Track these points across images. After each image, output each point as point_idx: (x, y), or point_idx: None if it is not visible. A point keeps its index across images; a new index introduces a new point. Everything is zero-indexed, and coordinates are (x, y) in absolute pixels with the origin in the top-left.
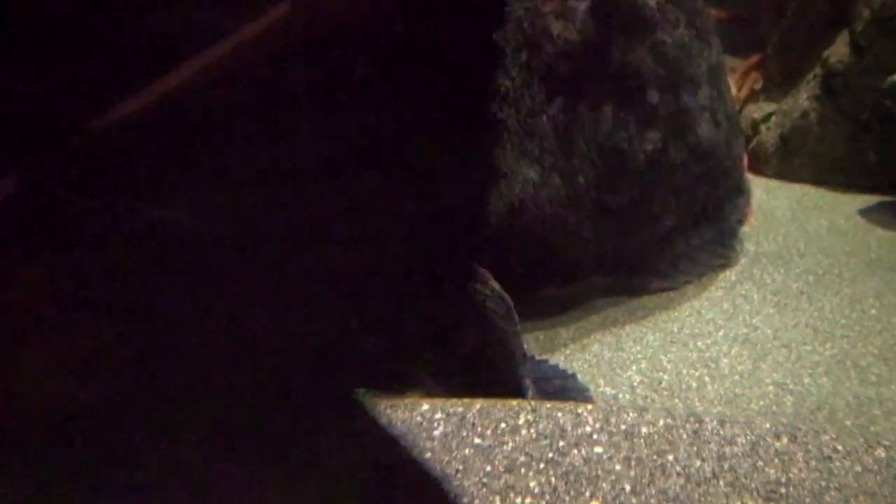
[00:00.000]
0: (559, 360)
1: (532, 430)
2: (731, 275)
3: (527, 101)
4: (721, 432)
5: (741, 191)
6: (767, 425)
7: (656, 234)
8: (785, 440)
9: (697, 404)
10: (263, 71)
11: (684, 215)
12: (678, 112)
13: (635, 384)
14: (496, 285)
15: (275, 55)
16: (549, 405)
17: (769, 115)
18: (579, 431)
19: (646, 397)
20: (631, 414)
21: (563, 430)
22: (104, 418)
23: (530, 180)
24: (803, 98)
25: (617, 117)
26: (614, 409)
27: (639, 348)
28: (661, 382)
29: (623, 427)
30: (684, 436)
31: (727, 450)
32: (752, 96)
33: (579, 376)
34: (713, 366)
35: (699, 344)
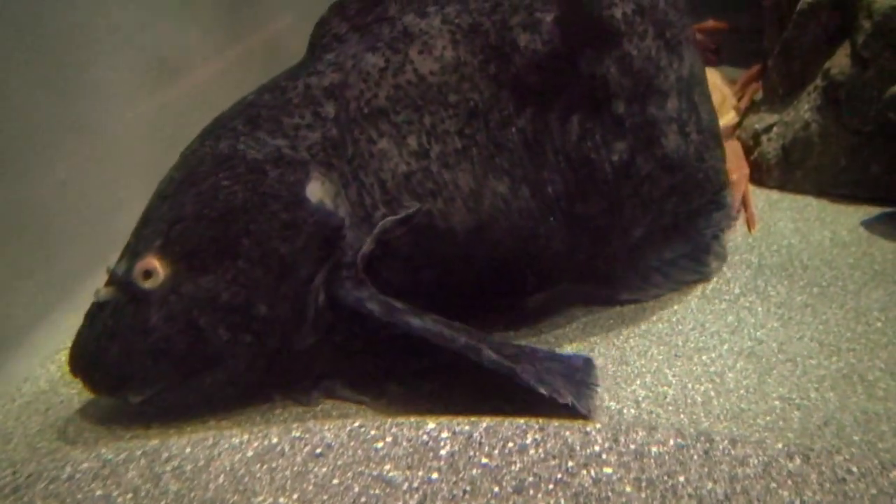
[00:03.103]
0: None
1: (540, 450)
2: (734, 287)
3: (495, 113)
4: (732, 452)
5: (718, 205)
6: (780, 445)
7: (626, 245)
8: (798, 461)
9: (703, 420)
10: None
11: (654, 227)
12: (644, 123)
13: (640, 399)
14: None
15: None
16: (556, 423)
17: (771, 127)
18: (588, 451)
19: (651, 412)
20: (640, 433)
21: (571, 449)
22: None
23: (500, 193)
24: (805, 109)
25: (584, 127)
26: (623, 427)
27: (643, 362)
28: (666, 397)
29: (632, 447)
30: (695, 456)
31: (739, 471)
32: (753, 107)
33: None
34: (718, 380)
35: (704, 358)
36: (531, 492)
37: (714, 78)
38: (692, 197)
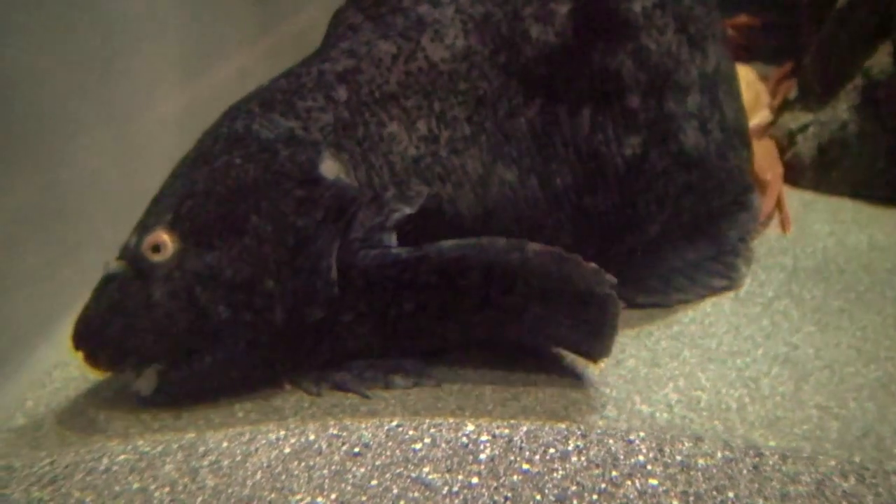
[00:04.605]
0: (593, 374)
1: (583, 458)
2: (768, 290)
3: (504, 103)
4: (783, 468)
5: (744, 206)
6: (832, 463)
7: (640, 243)
8: (853, 480)
9: (738, 426)
10: None
11: (671, 226)
12: (661, 118)
13: (672, 403)
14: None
15: None
16: (599, 431)
17: (806, 126)
18: (632, 461)
19: (684, 417)
20: (686, 443)
21: (615, 458)
22: None
23: (507, 182)
24: (843, 109)
25: (595, 120)
26: (668, 437)
27: (675, 364)
28: (699, 402)
29: (679, 458)
30: (744, 471)
31: (791, 489)
32: (788, 106)
33: None
34: (753, 386)
35: (738, 362)
36: (574, 501)
37: (748, 75)
38: (712, 196)
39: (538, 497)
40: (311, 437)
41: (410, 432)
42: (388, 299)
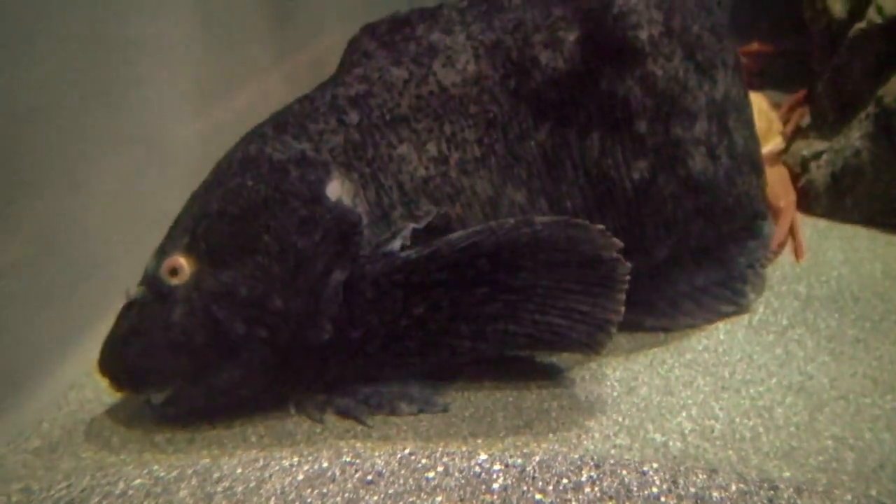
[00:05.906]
0: (606, 401)
1: (596, 489)
2: (782, 318)
3: (515, 126)
4: (798, 502)
5: (754, 234)
6: (848, 497)
7: (647, 266)
8: None
9: (753, 456)
10: None
11: (679, 250)
12: (668, 143)
13: (686, 431)
14: None
15: None
16: (612, 461)
17: (820, 153)
18: (646, 492)
19: (697, 446)
20: (700, 475)
21: (628, 489)
22: None
23: (517, 203)
24: (856, 136)
25: (604, 145)
26: (682, 469)
27: (689, 393)
28: (713, 431)
29: (693, 490)
30: None
31: None
32: (801, 133)
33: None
34: (767, 415)
35: (752, 391)
36: None
37: (761, 103)
38: (721, 221)
39: None
40: (325, 465)
41: (423, 461)
42: (399, 306)
